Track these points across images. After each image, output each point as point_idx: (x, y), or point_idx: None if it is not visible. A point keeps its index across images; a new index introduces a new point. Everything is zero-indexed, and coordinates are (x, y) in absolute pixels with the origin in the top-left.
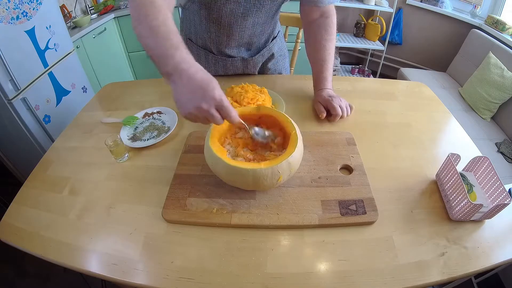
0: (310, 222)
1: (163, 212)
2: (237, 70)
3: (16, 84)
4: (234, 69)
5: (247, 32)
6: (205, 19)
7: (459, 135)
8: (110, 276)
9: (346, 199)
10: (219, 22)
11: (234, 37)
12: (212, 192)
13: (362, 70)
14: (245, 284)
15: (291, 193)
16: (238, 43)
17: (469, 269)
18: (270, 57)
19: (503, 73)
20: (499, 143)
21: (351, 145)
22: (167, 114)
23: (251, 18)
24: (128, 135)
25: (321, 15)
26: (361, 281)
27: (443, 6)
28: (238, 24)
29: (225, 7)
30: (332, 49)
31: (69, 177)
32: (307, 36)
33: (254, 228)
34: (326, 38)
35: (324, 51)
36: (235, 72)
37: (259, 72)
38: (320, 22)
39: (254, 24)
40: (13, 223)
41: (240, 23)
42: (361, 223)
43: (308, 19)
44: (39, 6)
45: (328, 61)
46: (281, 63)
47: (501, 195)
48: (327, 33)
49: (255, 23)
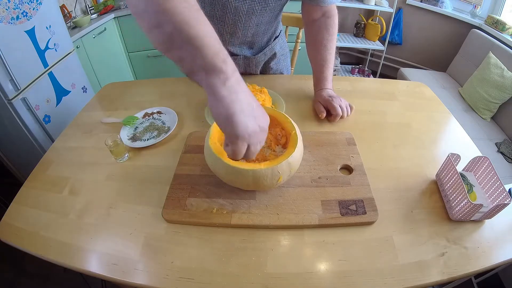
0: (310, 222)
1: (163, 212)
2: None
3: (16, 84)
4: None
5: (250, 31)
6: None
7: (459, 135)
8: (110, 276)
9: (346, 199)
10: (223, 20)
11: (237, 35)
12: (212, 192)
13: (362, 70)
14: (245, 284)
15: (291, 193)
16: (241, 41)
17: (469, 269)
18: (272, 56)
19: (503, 73)
20: (499, 143)
21: (351, 145)
22: (167, 114)
23: (256, 17)
24: (128, 135)
25: (323, 14)
26: (361, 281)
27: (443, 6)
28: (242, 23)
29: (230, 5)
30: (333, 49)
31: (69, 177)
32: (308, 36)
33: (254, 228)
34: (327, 38)
35: (325, 51)
36: None
37: (261, 71)
38: (321, 21)
39: (258, 23)
40: (13, 223)
41: (244, 22)
42: (361, 223)
43: (310, 18)
44: (39, 6)
45: (328, 61)
46: (282, 62)
47: (501, 195)
48: (328, 33)
49: (259, 22)
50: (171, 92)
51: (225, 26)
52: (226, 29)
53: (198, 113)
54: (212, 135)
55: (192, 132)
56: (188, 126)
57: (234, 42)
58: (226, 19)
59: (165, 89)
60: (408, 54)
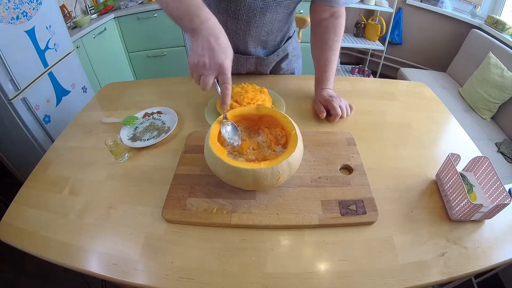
0: (310, 222)
1: (163, 212)
2: (250, 68)
3: (16, 84)
4: (248, 68)
5: (264, 29)
6: (222, 13)
7: (459, 135)
8: (110, 276)
9: (346, 199)
10: (237, 16)
11: (251, 33)
12: (212, 192)
13: (362, 70)
14: (245, 284)
15: (291, 193)
16: (255, 40)
17: (469, 269)
18: (285, 56)
19: (503, 73)
20: (499, 143)
21: (351, 145)
22: (167, 114)
23: (270, 14)
24: (128, 135)
25: (332, 15)
26: (361, 281)
27: (443, 6)
28: (256, 20)
29: (243, 1)
30: (338, 50)
31: (69, 177)
32: (314, 35)
33: (254, 228)
34: (334, 38)
35: (330, 51)
36: (247, 70)
37: (272, 71)
38: (329, 22)
39: (272, 21)
40: (13, 223)
41: (258, 19)
42: (361, 223)
43: (318, 18)
44: (39, 6)
45: (332, 62)
46: (294, 63)
47: (501, 195)
48: (335, 33)
49: (273, 19)
50: (171, 92)
51: (239, 23)
52: (240, 26)
53: (198, 113)
54: (212, 135)
55: (192, 132)
56: (188, 126)
57: (248, 41)
58: (240, 15)
59: (165, 89)
60: (408, 54)
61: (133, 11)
